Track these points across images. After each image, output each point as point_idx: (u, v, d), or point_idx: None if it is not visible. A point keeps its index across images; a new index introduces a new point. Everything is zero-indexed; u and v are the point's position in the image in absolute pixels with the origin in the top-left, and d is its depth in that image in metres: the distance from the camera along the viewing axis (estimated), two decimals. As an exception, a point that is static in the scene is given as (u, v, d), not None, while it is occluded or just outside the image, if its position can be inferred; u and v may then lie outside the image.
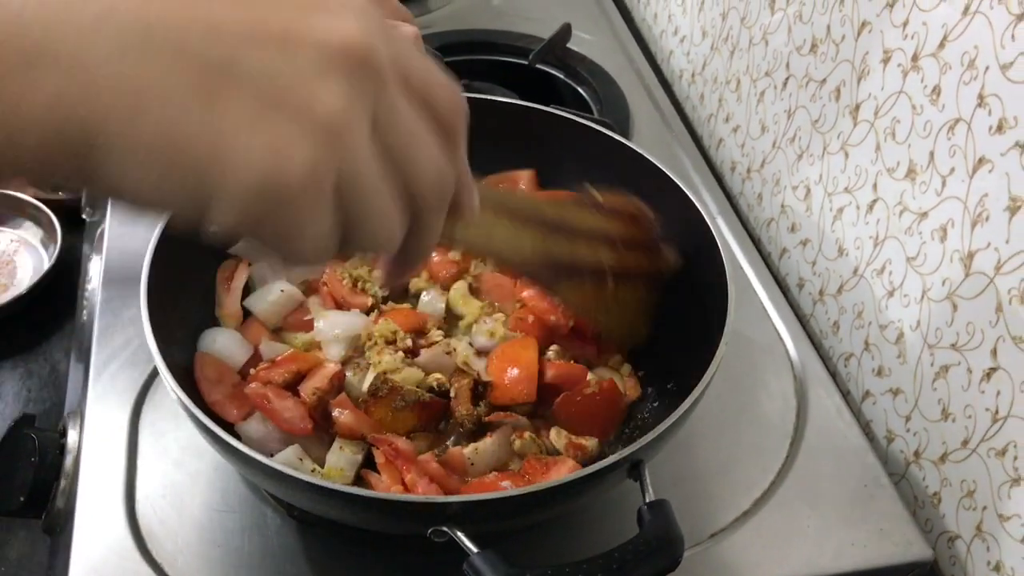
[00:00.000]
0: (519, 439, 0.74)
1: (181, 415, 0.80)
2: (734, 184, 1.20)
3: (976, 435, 0.78)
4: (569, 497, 0.65)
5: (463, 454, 0.72)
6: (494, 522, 0.64)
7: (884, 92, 0.87)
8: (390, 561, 0.75)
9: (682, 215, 0.83)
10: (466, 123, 0.43)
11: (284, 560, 0.75)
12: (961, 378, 0.80)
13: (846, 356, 0.97)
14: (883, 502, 0.83)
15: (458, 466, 0.72)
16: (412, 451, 0.72)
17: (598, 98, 1.22)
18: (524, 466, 0.72)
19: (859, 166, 0.92)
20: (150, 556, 0.74)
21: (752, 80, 1.13)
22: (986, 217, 0.75)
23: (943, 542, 0.83)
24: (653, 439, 0.65)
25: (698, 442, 0.85)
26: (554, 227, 0.68)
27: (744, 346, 0.95)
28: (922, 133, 0.82)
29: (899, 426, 0.89)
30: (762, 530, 0.80)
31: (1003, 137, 0.73)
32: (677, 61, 1.35)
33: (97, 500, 0.78)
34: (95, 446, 0.81)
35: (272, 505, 0.78)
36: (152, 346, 0.68)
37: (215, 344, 0.80)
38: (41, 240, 1.25)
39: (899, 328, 0.88)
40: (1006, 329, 0.74)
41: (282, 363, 0.78)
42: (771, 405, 0.90)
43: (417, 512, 0.61)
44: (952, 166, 0.79)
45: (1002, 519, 0.76)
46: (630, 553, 0.58)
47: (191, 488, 0.79)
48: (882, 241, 0.89)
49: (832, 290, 0.99)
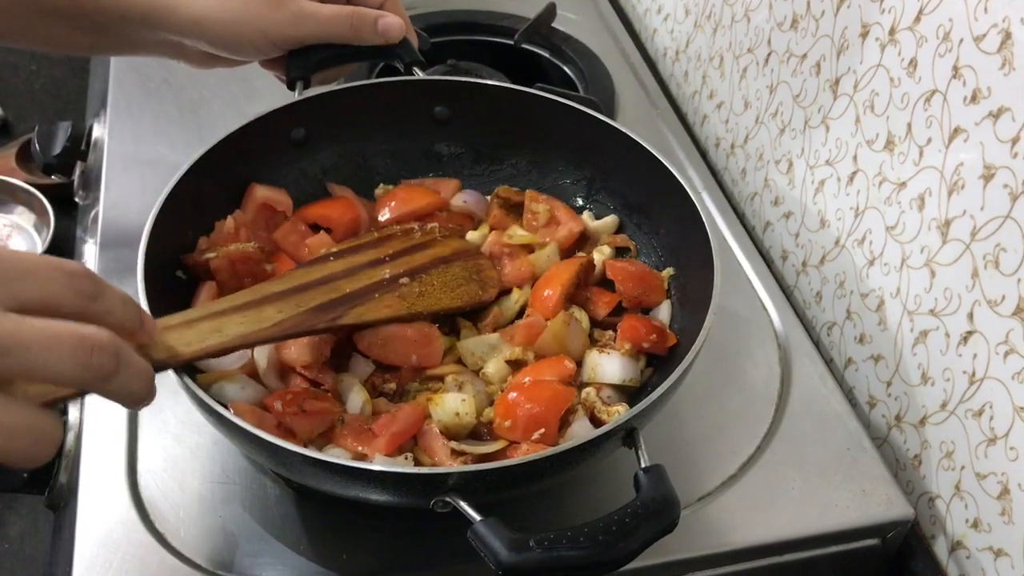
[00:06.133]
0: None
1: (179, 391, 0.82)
2: (718, 159, 1.22)
3: (954, 398, 0.81)
4: (568, 464, 0.67)
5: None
6: (495, 491, 0.66)
7: (863, 66, 0.89)
8: (387, 530, 0.77)
9: (668, 192, 0.85)
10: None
11: (284, 529, 0.77)
12: (939, 342, 0.82)
13: (829, 325, 0.99)
14: (865, 465, 0.85)
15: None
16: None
17: (584, 77, 1.24)
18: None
19: (839, 139, 0.94)
20: (154, 528, 0.76)
21: (735, 57, 1.15)
22: (962, 185, 0.77)
23: (924, 502, 0.85)
24: (646, 407, 0.67)
25: (687, 410, 0.88)
26: (301, 288, 0.77)
27: (729, 318, 0.97)
28: (900, 105, 0.84)
29: (880, 391, 0.91)
30: (749, 492, 0.82)
31: (977, 107, 0.75)
32: (661, 39, 1.37)
33: (100, 475, 0.79)
34: (96, 423, 0.83)
35: (271, 477, 0.80)
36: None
37: (236, 397, 0.75)
38: (34, 224, 1.26)
39: (880, 296, 0.90)
40: (982, 293, 0.76)
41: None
42: (756, 373, 0.93)
43: (419, 484, 0.63)
44: (929, 136, 0.81)
45: (979, 477, 0.78)
46: (629, 516, 0.60)
47: (191, 461, 0.81)
48: (862, 212, 0.92)
49: (815, 261, 1.01)
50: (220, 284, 0.80)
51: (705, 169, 1.17)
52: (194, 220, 0.83)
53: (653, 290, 0.85)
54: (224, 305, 0.73)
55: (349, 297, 0.78)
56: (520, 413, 0.72)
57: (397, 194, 0.92)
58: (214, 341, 0.69)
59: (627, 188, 0.91)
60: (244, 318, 0.72)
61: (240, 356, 0.76)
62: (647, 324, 0.81)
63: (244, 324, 0.71)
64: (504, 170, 0.96)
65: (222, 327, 0.70)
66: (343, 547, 0.76)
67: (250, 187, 0.87)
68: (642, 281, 0.85)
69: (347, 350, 0.79)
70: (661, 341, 0.80)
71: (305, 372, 0.76)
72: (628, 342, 0.79)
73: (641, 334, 0.80)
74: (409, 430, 0.72)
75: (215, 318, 0.71)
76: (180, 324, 0.69)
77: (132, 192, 1.03)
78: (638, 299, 0.84)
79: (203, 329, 0.69)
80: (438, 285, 0.83)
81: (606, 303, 0.85)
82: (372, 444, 0.71)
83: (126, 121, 1.12)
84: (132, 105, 1.15)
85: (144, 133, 1.11)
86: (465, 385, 0.76)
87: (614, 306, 0.85)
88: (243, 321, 0.72)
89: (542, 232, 0.91)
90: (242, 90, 1.17)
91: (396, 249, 0.85)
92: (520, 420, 0.72)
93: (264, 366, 0.76)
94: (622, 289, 0.84)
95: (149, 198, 0.79)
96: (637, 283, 0.85)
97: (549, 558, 0.58)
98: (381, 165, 0.95)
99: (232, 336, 0.70)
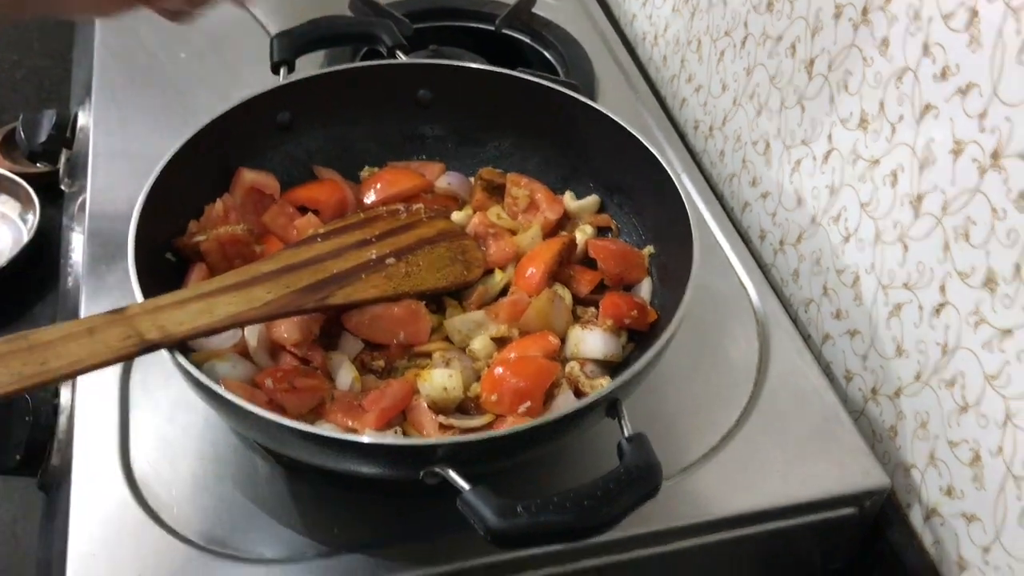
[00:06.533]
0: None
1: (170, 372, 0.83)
2: (697, 142, 1.23)
3: (927, 369, 0.83)
4: (554, 435, 0.69)
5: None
6: (483, 462, 0.67)
7: (836, 46, 0.91)
8: (377, 504, 0.79)
9: (648, 172, 0.86)
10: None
11: (275, 505, 0.79)
12: (913, 315, 0.84)
13: (806, 302, 1.01)
14: (843, 437, 0.88)
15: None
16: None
17: (564, 62, 1.25)
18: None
19: (814, 118, 0.96)
20: (147, 506, 0.77)
21: (712, 40, 1.17)
22: (932, 161, 0.80)
23: (900, 472, 0.88)
24: (629, 378, 0.69)
25: (668, 385, 0.89)
26: (289, 268, 0.79)
27: (709, 297, 0.99)
28: (872, 84, 0.87)
29: (857, 365, 0.93)
30: (729, 464, 0.84)
31: (947, 84, 0.77)
32: (640, 24, 1.38)
33: (93, 455, 0.80)
34: (88, 405, 0.84)
35: (261, 454, 0.81)
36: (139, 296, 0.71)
37: (228, 374, 0.76)
38: (19, 214, 1.27)
39: (855, 272, 0.92)
40: (953, 266, 0.78)
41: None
42: (736, 350, 0.95)
43: (409, 456, 0.65)
44: (901, 114, 0.83)
45: (952, 445, 0.81)
46: (613, 482, 0.62)
47: (183, 441, 0.82)
48: (837, 189, 0.94)
49: (792, 239, 1.03)
50: (210, 266, 0.81)
51: (684, 151, 1.18)
52: (183, 204, 0.85)
53: (634, 268, 0.87)
54: (214, 286, 0.74)
55: (337, 277, 0.80)
56: (506, 387, 0.74)
57: (383, 176, 0.93)
58: (205, 321, 0.70)
59: (608, 169, 0.93)
60: (234, 298, 0.73)
61: (231, 335, 0.77)
62: (628, 300, 0.83)
63: (234, 304, 0.73)
64: (487, 152, 0.97)
65: (213, 307, 0.72)
66: (334, 521, 0.78)
67: (238, 171, 0.89)
68: (623, 259, 0.87)
69: (336, 329, 0.80)
70: (642, 317, 0.82)
71: (295, 350, 0.77)
72: (610, 318, 0.81)
73: (623, 310, 0.82)
74: (398, 405, 0.74)
75: (206, 298, 0.72)
76: (171, 304, 0.71)
77: (119, 178, 1.04)
78: (619, 277, 0.86)
79: (194, 309, 0.71)
80: (424, 265, 0.84)
81: (588, 281, 0.86)
82: (362, 419, 0.72)
83: (111, 109, 1.13)
84: (117, 93, 1.15)
85: (130, 120, 1.11)
86: (452, 361, 0.78)
87: (596, 284, 0.86)
88: (233, 301, 0.73)
89: (522, 217, 0.92)
90: (228, 78, 1.18)
91: (382, 230, 0.86)
92: (506, 394, 0.74)
93: (255, 345, 0.77)
94: (604, 267, 0.86)
95: (136, 184, 0.80)
96: (618, 261, 0.86)
97: (536, 523, 0.59)
98: (366, 148, 0.96)
99: (222, 316, 0.72)
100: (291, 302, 0.75)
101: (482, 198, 0.93)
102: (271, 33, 1.27)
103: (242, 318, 0.73)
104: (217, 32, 1.26)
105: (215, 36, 1.26)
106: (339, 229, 0.85)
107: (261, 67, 0.96)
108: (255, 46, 1.25)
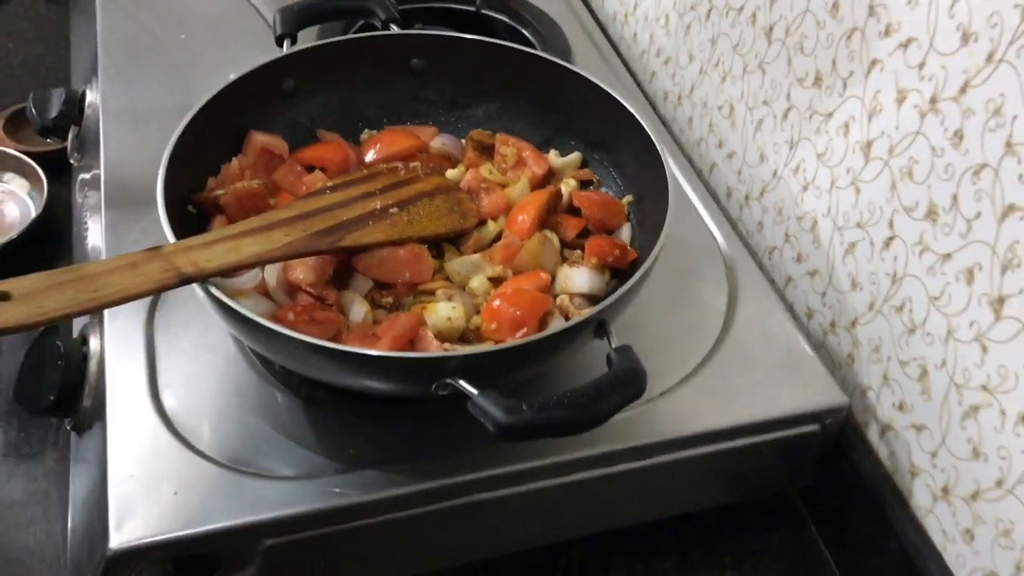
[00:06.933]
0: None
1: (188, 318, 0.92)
2: (667, 111, 1.33)
3: (879, 298, 0.92)
4: (551, 349, 0.78)
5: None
6: (489, 374, 0.75)
7: (792, 12, 1.01)
8: (389, 427, 0.87)
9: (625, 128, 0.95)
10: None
11: (293, 430, 0.86)
12: (865, 251, 0.94)
13: (770, 249, 1.11)
14: (805, 364, 0.97)
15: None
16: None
17: (542, 39, 1.34)
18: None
19: (774, 80, 1.06)
20: (178, 433, 0.85)
21: (679, 15, 1.26)
22: (880, 110, 0.89)
23: (857, 394, 0.97)
24: (613, 300, 0.78)
25: (646, 322, 0.98)
26: (305, 215, 0.87)
27: (683, 247, 1.08)
28: (825, 44, 0.96)
29: (817, 302, 1.03)
30: (703, 388, 0.93)
31: (890, 39, 0.87)
32: (611, 4, 1.47)
33: (125, 393, 0.87)
34: (117, 350, 0.91)
35: (279, 386, 0.89)
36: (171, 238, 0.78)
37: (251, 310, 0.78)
38: (28, 192, 1.33)
39: (813, 217, 1.02)
40: (899, 202, 0.88)
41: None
42: (707, 293, 1.04)
43: (424, 368, 0.73)
44: (851, 70, 0.92)
45: (903, 365, 0.90)
46: (606, 384, 0.71)
47: (206, 378, 0.90)
48: (796, 143, 1.03)
49: (756, 194, 1.12)
50: (229, 218, 0.89)
51: (656, 120, 1.28)
52: (201, 163, 0.92)
53: (615, 214, 0.96)
54: (238, 229, 0.82)
55: (346, 224, 0.88)
56: (504, 316, 0.83)
57: (381, 138, 1.02)
58: (233, 258, 0.78)
59: (588, 127, 1.02)
60: (256, 240, 0.81)
61: (252, 276, 0.85)
62: (611, 242, 0.92)
63: (257, 245, 0.81)
64: (477, 115, 1.06)
65: (238, 247, 0.80)
66: (349, 443, 0.86)
67: (249, 134, 0.96)
68: (605, 207, 0.96)
69: (347, 273, 0.88)
70: (623, 256, 0.91)
71: (311, 290, 0.85)
72: (595, 256, 0.90)
73: (606, 250, 0.90)
74: (407, 333, 0.82)
75: (231, 239, 0.80)
76: (201, 244, 0.78)
77: (131, 148, 1.11)
78: (602, 222, 0.95)
79: (221, 248, 0.79)
80: (424, 215, 0.92)
81: (573, 227, 0.95)
82: (376, 346, 0.80)
83: (118, 85, 1.20)
84: (122, 71, 1.22)
85: (136, 95, 1.18)
86: (454, 296, 0.86)
87: (580, 229, 0.95)
88: (256, 242, 0.81)
89: (511, 173, 1.01)
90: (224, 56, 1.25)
91: (384, 184, 0.94)
92: (505, 322, 0.83)
93: (274, 284, 0.85)
94: (587, 214, 0.95)
95: (148, 152, 0.88)
96: (600, 208, 0.95)
97: (539, 418, 0.68)
98: (365, 112, 1.04)
99: (247, 255, 0.79)
100: (307, 244, 0.83)
101: (473, 157, 1.02)
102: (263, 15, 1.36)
103: (264, 257, 0.81)
104: (213, 15, 1.34)
105: (211, 19, 1.33)
106: (346, 183, 0.93)
107: (254, 46, 1.03)
108: (248, 27, 1.33)
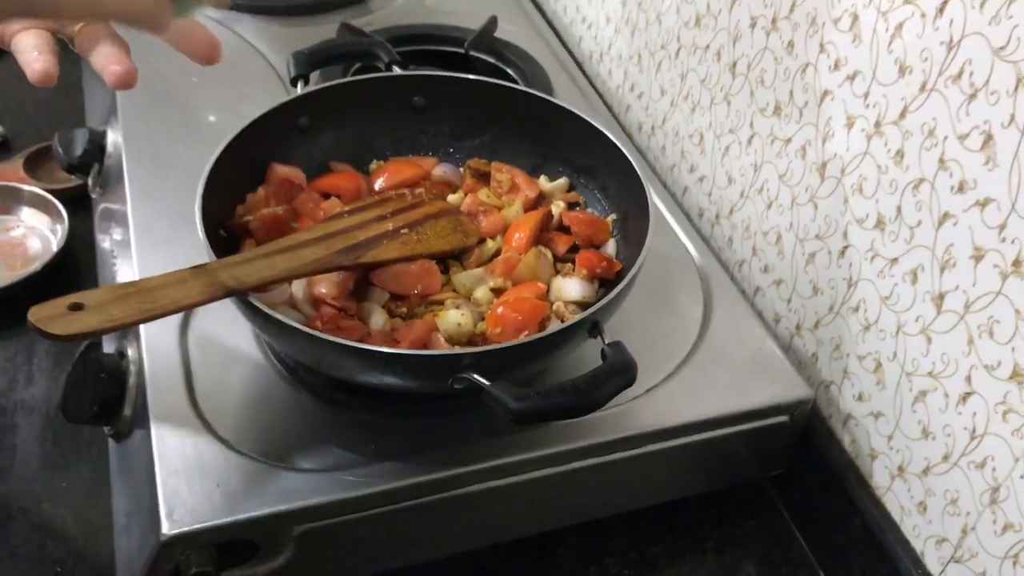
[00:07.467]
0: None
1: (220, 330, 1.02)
2: (642, 141, 1.45)
3: (838, 301, 1.04)
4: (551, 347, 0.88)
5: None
6: (499, 369, 0.84)
7: (753, 50, 1.13)
8: (404, 425, 0.97)
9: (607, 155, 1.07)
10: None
11: (320, 429, 0.96)
12: (824, 259, 1.05)
13: (739, 262, 1.22)
14: (774, 363, 1.08)
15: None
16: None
17: (525, 77, 1.46)
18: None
19: (739, 110, 1.18)
20: (215, 433, 0.94)
21: (651, 53, 1.38)
22: (832, 134, 1.01)
23: (821, 389, 1.09)
24: (605, 303, 0.89)
25: (632, 328, 1.08)
26: (327, 236, 0.97)
27: (661, 261, 1.19)
28: (783, 78, 1.08)
29: (783, 308, 1.14)
30: (684, 384, 1.04)
31: (839, 73, 0.99)
32: (587, 44, 1.60)
33: (165, 400, 0.97)
34: (154, 363, 1.01)
35: (306, 392, 0.99)
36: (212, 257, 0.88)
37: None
38: (49, 227, 1.42)
39: (777, 232, 1.13)
40: (852, 214, 1.00)
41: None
42: (685, 302, 1.15)
43: (442, 363, 0.83)
44: (806, 100, 1.05)
45: (860, 359, 1.02)
46: (601, 373, 0.81)
47: (238, 384, 0.99)
48: (760, 166, 1.15)
49: (725, 213, 1.24)
50: (257, 240, 0.99)
51: (632, 149, 1.39)
52: (228, 193, 1.02)
53: (600, 231, 1.07)
54: (271, 248, 0.92)
55: (364, 243, 0.98)
56: (508, 321, 0.93)
57: (388, 168, 1.13)
58: (268, 273, 0.89)
59: (573, 154, 1.13)
60: (287, 257, 0.92)
61: (281, 291, 0.95)
62: (599, 255, 1.03)
63: (288, 262, 0.91)
64: (473, 145, 1.17)
65: (273, 264, 0.90)
66: (370, 439, 0.95)
67: (271, 166, 1.07)
68: (591, 225, 1.07)
69: (365, 286, 0.99)
70: (610, 267, 1.02)
71: (334, 302, 0.96)
72: (584, 268, 1.01)
73: (594, 263, 1.02)
74: (423, 338, 0.93)
75: (266, 257, 0.91)
76: (241, 261, 0.89)
77: (154, 184, 1.20)
78: (589, 239, 1.06)
79: (258, 265, 0.89)
80: (431, 234, 1.03)
81: (564, 243, 1.06)
82: (396, 348, 0.91)
83: (138, 126, 1.30)
84: (142, 112, 1.33)
85: (156, 136, 1.29)
86: (462, 305, 0.97)
87: (571, 245, 1.06)
88: (287, 260, 0.92)
89: (506, 197, 1.12)
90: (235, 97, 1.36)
91: (394, 208, 1.05)
92: (508, 326, 0.93)
93: (301, 298, 0.95)
94: (576, 231, 1.06)
95: (171, 186, 0.99)
96: (588, 226, 1.06)
97: (546, 404, 0.78)
98: (372, 145, 1.15)
99: (281, 270, 0.90)
100: (331, 260, 0.94)
101: (472, 183, 1.13)
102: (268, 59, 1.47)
103: (296, 272, 0.91)
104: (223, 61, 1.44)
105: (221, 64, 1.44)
106: (360, 208, 1.04)
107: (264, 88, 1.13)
108: (255, 70, 1.44)
